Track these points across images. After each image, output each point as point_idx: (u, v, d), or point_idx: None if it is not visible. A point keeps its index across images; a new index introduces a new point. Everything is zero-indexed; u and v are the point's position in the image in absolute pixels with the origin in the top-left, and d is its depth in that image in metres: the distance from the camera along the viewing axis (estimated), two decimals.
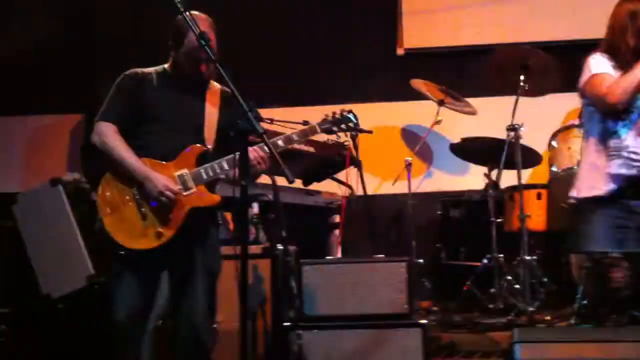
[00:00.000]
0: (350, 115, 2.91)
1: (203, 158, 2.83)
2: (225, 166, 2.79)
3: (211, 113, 2.89)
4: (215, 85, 2.96)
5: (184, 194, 2.76)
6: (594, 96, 2.99)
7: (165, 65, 2.94)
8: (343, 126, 2.92)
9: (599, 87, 2.94)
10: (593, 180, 2.96)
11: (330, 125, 2.91)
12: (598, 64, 2.98)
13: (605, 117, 2.96)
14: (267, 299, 3.46)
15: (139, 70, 2.91)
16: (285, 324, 3.40)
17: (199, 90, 2.91)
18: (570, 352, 2.31)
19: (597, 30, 3.15)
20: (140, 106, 2.83)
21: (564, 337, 2.30)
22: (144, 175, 2.73)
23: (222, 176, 2.86)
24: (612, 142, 2.93)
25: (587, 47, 3.14)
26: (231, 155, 2.74)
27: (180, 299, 2.83)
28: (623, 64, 2.93)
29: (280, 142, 2.85)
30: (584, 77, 3.02)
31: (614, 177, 2.90)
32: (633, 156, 2.89)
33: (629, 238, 2.86)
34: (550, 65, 4.36)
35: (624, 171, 2.89)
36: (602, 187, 2.91)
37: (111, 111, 2.84)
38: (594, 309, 3.22)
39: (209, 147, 2.85)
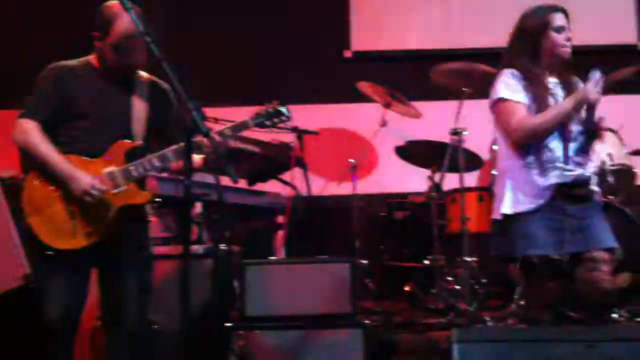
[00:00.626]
0: (283, 109, 2.84)
1: (132, 154, 2.75)
2: (156, 163, 2.73)
3: (139, 106, 2.81)
4: (144, 75, 2.88)
5: (113, 191, 2.70)
6: (501, 125, 3.00)
7: (90, 57, 2.83)
8: (276, 120, 2.85)
9: (507, 119, 2.94)
10: (523, 195, 2.95)
11: (263, 119, 2.83)
12: (508, 86, 2.97)
13: None
14: (209, 300, 3.43)
15: (63, 63, 2.80)
16: (228, 324, 3.38)
17: (126, 82, 2.82)
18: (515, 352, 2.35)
19: None
20: (65, 101, 2.73)
21: (501, 337, 2.35)
22: (68, 174, 2.65)
23: (153, 173, 2.81)
24: (545, 156, 2.95)
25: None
26: (162, 152, 2.71)
27: (110, 298, 2.79)
28: (534, 85, 2.96)
29: (216, 137, 2.72)
30: (493, 97, 3.02)
31: (549, 187, 2.92)
32: (561, 166, 2.95)
33: (565, 240, 2.92)
34: (492, 72, 4.44)
35: (559, 181, 2.94)
36: (535, 201, 2.92)
37: (33, 107, 2.74)
38: (532, 310, 3.29)
39: (138, 142, 2.78)
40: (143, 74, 2.88)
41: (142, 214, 2.88)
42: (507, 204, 2.97)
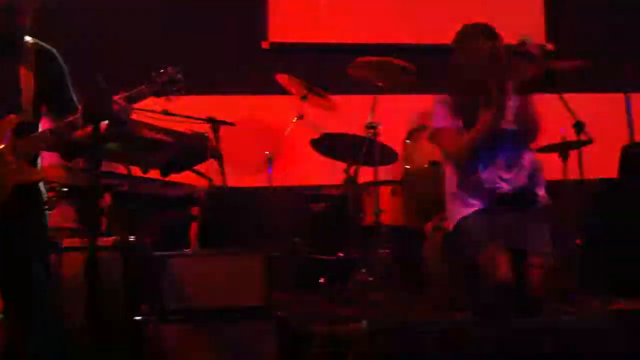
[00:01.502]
0: (178, 75, 2.76)
1: (21, 129, 2.57)
2: (49, 138, 2.58)
3: (27, 77, 2.61)
4: (29, 41, 2.66)
5: (2, 169, 2.52)
6: (440, 149, 3.25)
7: None
8: (171, 86, 2.74)
9: (444, 145, 3.18)
10: (460, 208, 3.13)
11: (158, 87, 2.72)
12: (437, 116, 3.15)
13: None
14: (119, 293, 3.35)
15: None
16: (139, 317, 3.31)
17: (10, 50, 2.59)
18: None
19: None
20: None
21: (409, 327, 2.40)
22: None
23: (45, 149, 2.65)
24: (472, 178, 3.09)
25: (442, 51, 3.28)
26: (55, 125, 2.58)
27: (13, 286, 2.64)
28: (462, 110, 3.09)
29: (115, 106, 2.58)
30: (431, 124, 3.23)
31: (483, 198, 3.08)
32: (495, 176, 3.07)
33: (507, 238, 3.03)
34: (406, 68, 4.52)
35: (485, 201, 3.07)
36: (471, 210, 3.09)
37: None
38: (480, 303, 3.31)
39: (27, 116, 2.60)
40: (28, 39, 2.67)
41: (36, 195, 2.70)
42: (450, 218, 3.19)
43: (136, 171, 3.80)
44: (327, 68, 5.35)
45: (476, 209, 3.06)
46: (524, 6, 5.66)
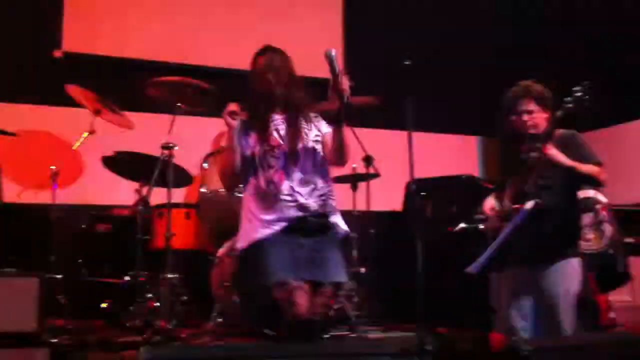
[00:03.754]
0: None
1: None
2: None
3: None
4: None
5: None
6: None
7: None
8: None
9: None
10: (255, 227, 3.05)
11: None
12: (227, 135, 3.15)
13: (257, 168, 3.11)
14: None
15: None
16: None
17: None
18: None
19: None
20: None
21: (189, 355, 2.33)
22: None
23: None
24: (270, 189, 3.06)
25: (242, 77, 3.28)
26: None
27: None
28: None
29: None
30: None
31: (278, 220, 3.03)
32: (288, 198, 3.05)
33: (301, 267, 3.00)
34: (206, 90, 4.48)
35: (283, 214, 3.04)
36: (266, 232, 3.02)
37: None
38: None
39: None
40: None
41: None
42: (242, 238, 3.09)
43: None
44: (125, 84, 5.16)
45: (273, 231, 3.04)
46: (322, 40, 5.90)
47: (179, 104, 4.43)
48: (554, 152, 3.32)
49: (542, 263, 3.41)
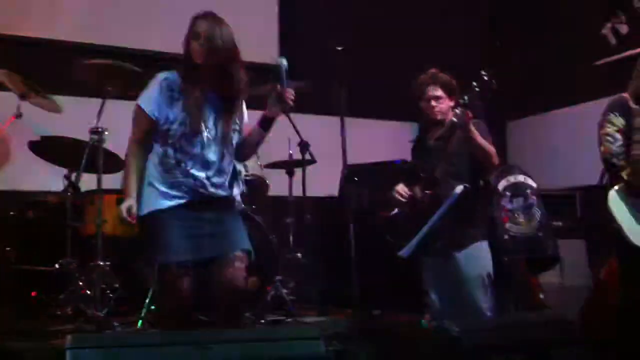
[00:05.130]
0: None
1: None
2: None
3: None
4: None
5: None
6: None
7: None
8: None
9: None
10: (156, 195, 2.96)
11: None
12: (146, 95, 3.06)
13: (163, 144, 2.99)
14: None
15: None
16: None
17: None
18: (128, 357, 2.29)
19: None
20: None
21: (115, 343, 2.29)
22: None
23: None
24: (178, 168, 2.96)
25: (175, 60, 3.18)
26: None
27: None
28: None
29: None
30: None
31: (180, 197, 2.95)
32: (197, 181, 2.96)
33: (203, 245, 2.94)
34: (138, 73, 4.37)
35: (187, 193, 2.96)
36: (165, 203, 2.94)
37: None
38: (165, 315, 3.26)
39: None
40: None
41: None
42: (142, 205, 2.96)
43: None
44: (53, 67, 5.01)
45: (173, 204, 2.93)
46: (258, 25, 5.85)
47: (109, 88, 4.32)
48: (471, 124, 3.39)
49: (454, 249, 3.50)
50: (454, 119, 3.39)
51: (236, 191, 3.17)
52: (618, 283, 3.88)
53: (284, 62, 3.04)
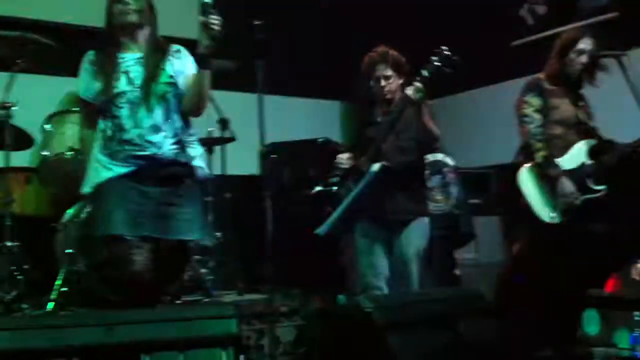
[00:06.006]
0: None
1: None
2: None
3: None
4: None
5: None
6: None
7: None
8: None
9: None
10: (99, 170, 2.93)
11: None
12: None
13: (101, 118, 2.98)
14: None
15: None
16: None
17: None
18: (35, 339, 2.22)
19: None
20: None
21: (27, 325, 2.22)
22: None
23: None
24: (116, 137, 2.92)
25: (90, 33, 3.08)
26: None
27: None
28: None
29: None
30: None
31: (122, 167, 2.91)
32: (137, 148, 2.91)
33: (142, 222, 2.88)
34: (49, 46, 4.20)
35: (129, 162, 2.91)
36: (108, 174, 2.90)
37: None
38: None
39: None
40: None
41: None
42: (86, 183, 2.97)
43: None
44: None
45: (116, 174, 2.89)
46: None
47: (18, 61, 4.13)
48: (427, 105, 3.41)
49: (395, 224, 3.52)
50: (410, 94, 3.33)
51: (193, 153, 3.08)
52: (529, 258, 4.02)
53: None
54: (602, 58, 3.73)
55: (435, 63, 3.33)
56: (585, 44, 3.73)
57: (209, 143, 4.97)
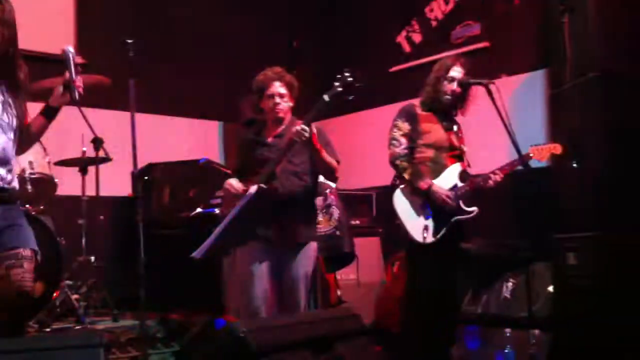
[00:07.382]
0: None
1: None
2: None
3: None
4: None
5: None
6: None
7: None
8: None
9: None
10: None
11: None
12: None
13: None
14: None
15: None
16: None
17: None
18: None
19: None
20: None
21: None
22: None
23: None
24: None
25: None
26: None
27: None
28: None
29: None
30: None
31: None
32: None
33: None
34: None
35: None
36: None
37: None
38: None
39: None
40: None
41: None
42: None
43: None
44: None
45: None
46: (55, 15, 5.49)
47: None
48: (316, 137, 3.40)
49: (286, 247, 3.50)
50: (296, 137, 3.33)
51: (15, 184, 2.95)
52: (403, 276, 4.11)
53: (71, 49, 2.85)
54: (471, 86, 3.89)
55: (338, 88, 3.36)
56: (456, 72, 3.88)
57: (83, 163, 4.77)
